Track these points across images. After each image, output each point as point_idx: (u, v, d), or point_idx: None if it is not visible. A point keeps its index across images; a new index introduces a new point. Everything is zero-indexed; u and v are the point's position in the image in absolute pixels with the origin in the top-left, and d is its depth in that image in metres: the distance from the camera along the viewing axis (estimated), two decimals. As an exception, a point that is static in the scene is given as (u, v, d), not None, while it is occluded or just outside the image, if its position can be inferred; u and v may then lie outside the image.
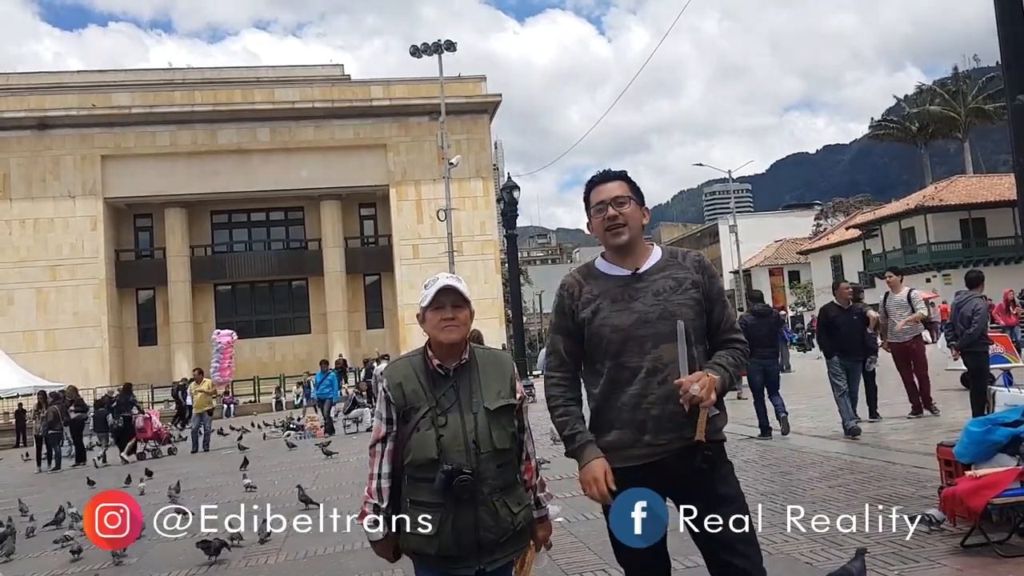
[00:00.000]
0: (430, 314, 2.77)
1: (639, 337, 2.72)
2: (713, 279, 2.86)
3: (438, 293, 2.76)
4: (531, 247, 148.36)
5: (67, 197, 41.72)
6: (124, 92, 43.31)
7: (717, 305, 2.83)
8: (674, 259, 2.86)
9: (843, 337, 10.16)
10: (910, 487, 6.67)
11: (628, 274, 2.81)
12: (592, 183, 2.91)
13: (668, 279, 2.78)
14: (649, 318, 2.72)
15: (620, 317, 2.75)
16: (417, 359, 2.81)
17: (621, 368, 2.74)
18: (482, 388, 2.73)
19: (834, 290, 10.79)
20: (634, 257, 2.83)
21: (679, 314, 2.72)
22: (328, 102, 43.30)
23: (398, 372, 2.78)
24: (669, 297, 2.75)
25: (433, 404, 2.68)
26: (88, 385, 37.46)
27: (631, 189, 2.87)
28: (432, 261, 40.12)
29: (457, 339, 2.74)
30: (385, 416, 2.76)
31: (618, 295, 2.78)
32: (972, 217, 45.38)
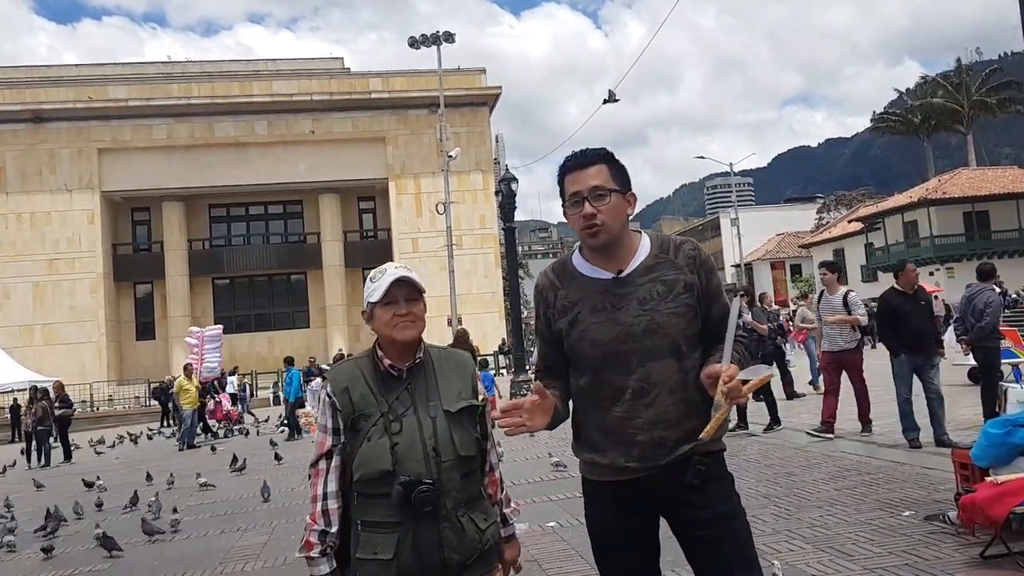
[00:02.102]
0: (380, 310, 2.44)
1: (622, 353, 2.37)
2: (710, 275, 2.49)
3: (390, 286, 2.43)
4: (532, 241, 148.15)
5: (64, 191, 41.47)
6: (120, 85, 43.00)
7: (716, 304, 2.47)
8: (664, 254, 2.46)
9: (912, 330, 8.40)
10: (921, 490, 6.35)
11: (609, 278, 2.43)
12: (566, 168, 2.47)
13: (656, 283, 2.40)
14: (634, 332, 2.36)
15: (601, 330, 2.40)
16: (365, 361, 2.48)
17: (603, 385, 2.40)
18: (440, 389, 2.42)
19: (896, 273, 8.85)
20: (617, 256, 2.44)
21: (667, 326, 2.37)
22: (326, 95, 43.00)
23: (343, 375, 2.45)
24: (657, 306, 2.37)
25: (385, 409, 2.35)
26: (85, 380, 37.39)
27: (613, 175, 2.43)
28: (432, 255, 39.85)
29: (414, 336, 2.42)
30: (330, 426, 2.42)
31: (599, 303, 2.41)
32: (976, 210, 44.97)
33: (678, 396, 2.35)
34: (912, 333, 8.37)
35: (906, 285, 8.59)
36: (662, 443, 2.32)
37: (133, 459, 16.90)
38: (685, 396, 2.35)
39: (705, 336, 2.45)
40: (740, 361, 2.34)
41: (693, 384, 2.36)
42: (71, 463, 17.73)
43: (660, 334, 2.35)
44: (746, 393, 2.23)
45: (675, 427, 2.34)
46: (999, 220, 45.02)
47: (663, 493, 2.37)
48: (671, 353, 2.37)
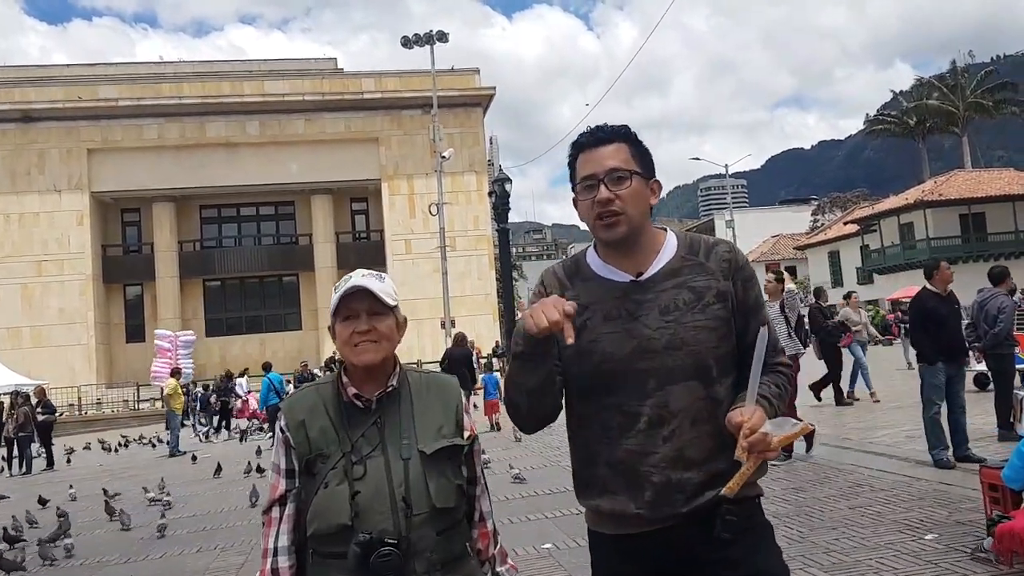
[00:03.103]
0: (339, 327, 2.05)
1: (639, 372, 1.96)
2: (748, 284, 2.07)
3: (345, 298, 2.03)
4: (526, 242, 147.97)
5: (53, 191, 40.87)
6: (110, 85, 42.46)
7: (754, 320, 2.04)
8: (693, 255, 2.05)
9: (949, 336, 7.73)
10: (942, 509, 5.97)
11: (627, 281, 2.03)
12: (578, 146, 2.08)
13: (683, 290, 1.99)
14: (653, 346, 1.96)
15: (613, 341, 1.99)
16: (327, 388, 2.08)
17: (611, 411, 1.99)
18: (416, 424, 2.02)
19: (930, 274, 8.11)
20: (637, 255, 2.04)
21: (693, 342, 1.96)
22: (319, 95, 42.51)
23: (301, 405, 2.05)
24: (683, 317, 1.97)
25: (347, 449, 1.96)
26: (74, 383, 36.85)
27: (634, 156, 2.04)
28: (425, 256, 39.49)
29: (373, 360, 2.02)
30: (283, 467, 2.03)
31: (613, 309, 2.01)
32: (972, 212, 44.72)
33: (704, 429, 1.94)
34: (949, 339, 7.71)
35: (940, 285, 7.94)
36: (681, 486, 1.92)
37: (117, 466, 16.48)
38: (713, 429, 1.94)
39: (740, 360, 2.04)
40: (771, 403, 1.95)
41: (724, 416, 1.94)
42: (53, 470, 17.30)
43: (684, 351, 1.95)
44: (777, 447, 1.83)
45: (698, 467, 1.93)
46: (995, 222, 44.77)
47: (685, 550, 1.95)
48: (697, 375, 1.96)
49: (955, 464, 7.35)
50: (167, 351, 24.03)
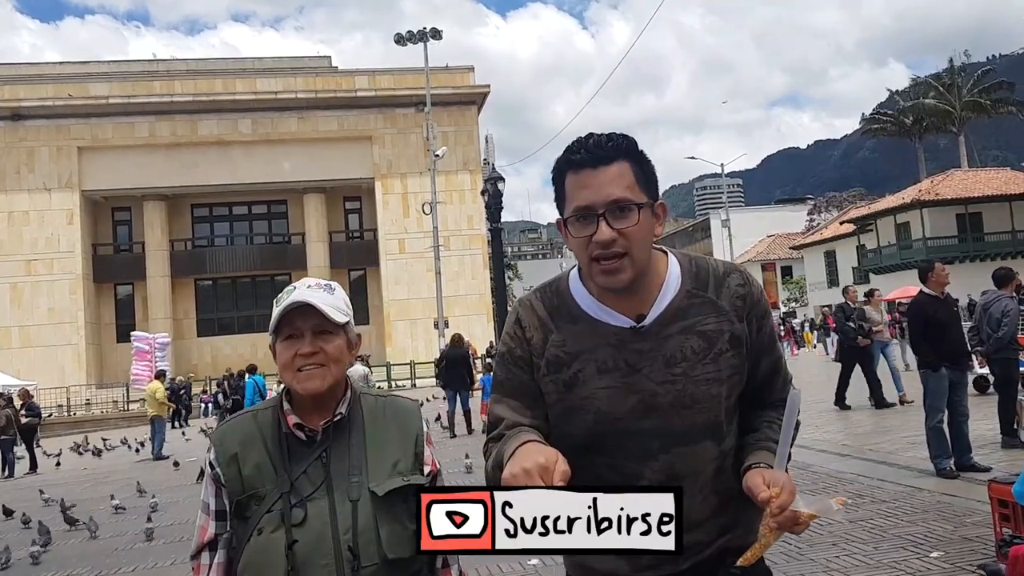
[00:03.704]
0: (280, 347, 1.76)
1: (641, 433, 1.68)
2: (764, 321, 1.77)
3: (286, 315, 1.74)
4: (521, 242, 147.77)
5: (43, 190, 40.56)
6: (101, 82, 42.11)
7: (766, 357, 1.79)
8: (701, 291, 1.73)
9: (950, 340, 7.43)
10: (946, 523, 5.70)
11: (626, 328, 1.70)
12: (570, 163, 1.68)
13: (691, 336, 1.69)
14: (658, 404, 1.67)
15: (611, 399, 1.69)
16: (266, 415, 1.79)
17: (607, 471, 1.71)
18: (368, 459, 1.74)
19: (924, 275, 7.74)
20: (636, 294, 1.70)
21: (705, 398, 1.68)
22: (312, 93, 42.24)
23: (234, 436, 1.76)
24: (692, 369, 1.68)
25: (286, 489, 1.68)
26: (64, 383, 36.56)
27: (639, 177, 1.67)
28: (418, 256, 39.28)
29: (320, 389, 1.73)
30: (213, 507, 1.75)
31: (609, 360, 1.70)
32: (969, 212, 44.53)
33: (709, 487, 1.70)
34: (950, 344, 7.40)
35: (937, 287, 7.64)
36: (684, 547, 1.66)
37: (100, 470, 16.18)
38: (719, 485, 1.70)
39: (745, 399, 1.77)
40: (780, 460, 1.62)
41: (732, 468, 1.70)
42: (36, 474, 16.99)
43: (694, 409, 1.68)
44: (806, 523, 1.53)
45: (702, 527, 1.70)
46: (992, 222, 44.58)
47: None
48: (708, 434, 1.69)
49: (958, 474, 7.09)
50: (146, 353, 23.74)
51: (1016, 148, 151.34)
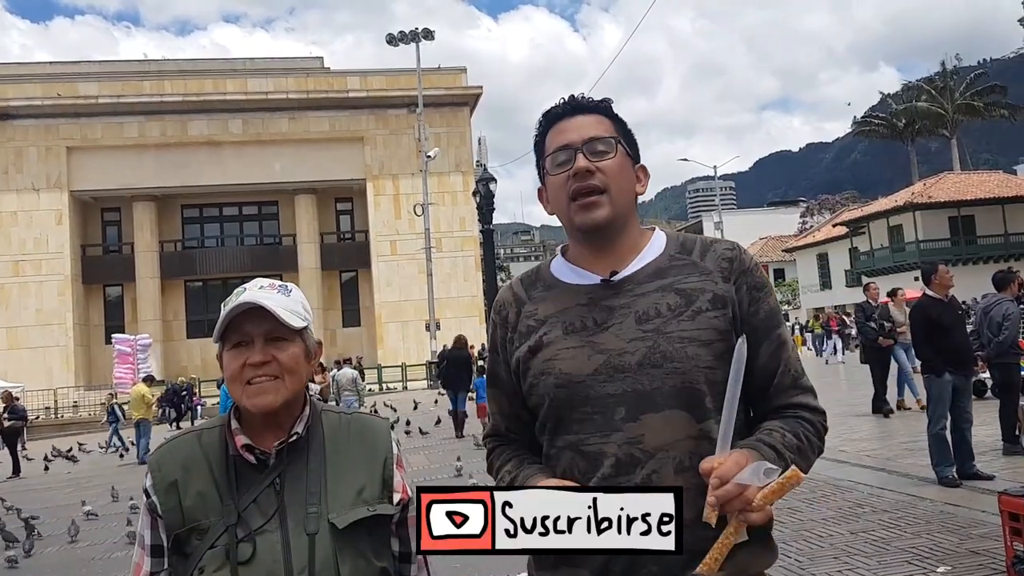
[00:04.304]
0: (227, 356, 1.55)
1: (604, 398, 1.49)
2: (758, 293, 1.58)
3: (234, 317, 1.53)
4: (514, 244, 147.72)
5: (31, 190, 40.18)
6: (91, 82, 41.76)
7: (766, 340, 1.56)
8: (685, 255, 1.61)
9: (954, 345, 7.18)
10: (951, 535, 5.50)
11: (596, 282, 1.58)
12: (550, 116, 1.67)
13: (668, 292, 1.54)
14: (625, 363, 1.49)
15: (573, 358, 1.53)
16: (212, 436, 1.58)
17: (568, 451, 1.53)
18: (328, 486, 1.53)
19: (928, 278, 7.53)
20: (613, 253, 1.60)
21: (679, 357, 1.48)
22: (303, 93, 41.93)
23: (173, 460, 1.55)
24: (666, 325, 1.50)
25: (232, 521, 1.47)
26: (52, 385, 36.23)
27: (618, 129, 1.63)
28: (410, 257, 39.04)
29: (273, 405, 1.52)
30: (148, 542, 1.54)
31: (577, 319, 1.56)
32: (961, 215, 44.53)
33: (694, 480, 1.43)
34: (954, 348, 7.16)
35: (941, 290, 7.42)
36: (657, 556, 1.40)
37: (82, 474, 15.90)
38: (698, 477, 1.43)
39: (752, 393, 1.55)
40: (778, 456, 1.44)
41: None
42: (19, 478, 16.70)
43: (665, 368, 1.47)
44: (761, 505, 1.33)
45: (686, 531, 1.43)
46: (984, 225, 44.61)
47: None
48: (683, 402, 1.48)
49: (961, 482, 6.90)
50: (128, 356, 23.48)
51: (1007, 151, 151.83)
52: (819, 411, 1.59)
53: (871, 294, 12.62)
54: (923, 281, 7.58)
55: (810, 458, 1.54)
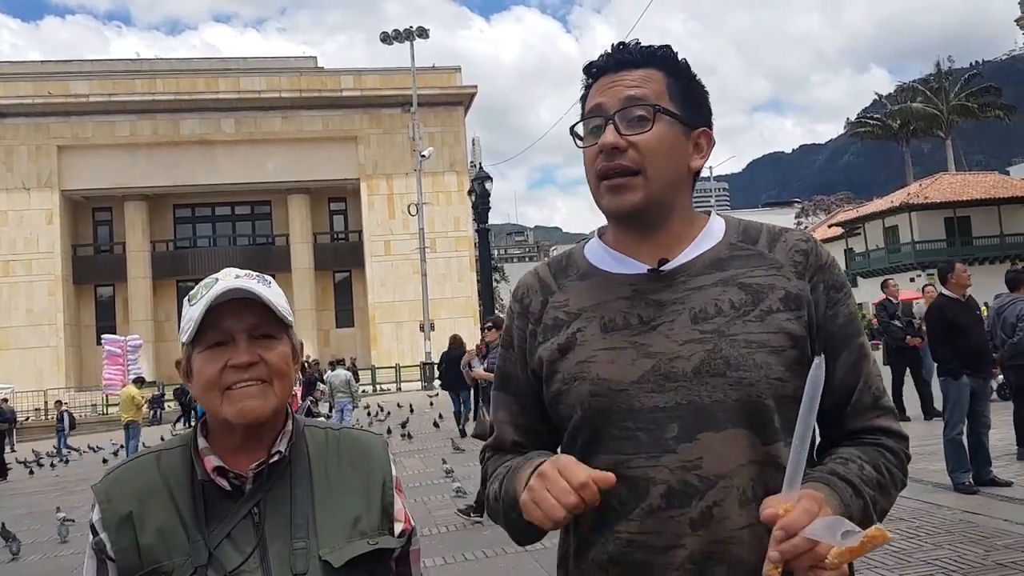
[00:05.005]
0: (200, 359, 1.27)
1: (653, 412, 1.23)
2: (837, 294, 1.34)
3: (214, 306, 1.26)
4: (508, 244, 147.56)
5: (21, 189, 39.83)
6: (82, 81, 41.40)
7: (845, 350, 1.31)
8: (748, 243, 1.35)
9: (972, 346, 6.97)
10: (975, 547, 5.26)
11: (643, 272, 1.32)
12: (594, 70, 1.38)
13: (730, 286, 1.28)
14: (679, 371, 1.23)
15: (613, 362, 1.27)
16: (173, 458, 1.30)
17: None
18: (317, 516, 1.26)
19: (944, 277, 7.31)
20: (661, 239, 1.33)
21: (746, 366, 1.22)
22: (296, 92, 41.64)
23: (126, 489, 1.27)
24: (729, 326, 1.25)
25: (202, 560, 1.20)
26: (42, 386, 35.83)
27: (672, 90, 1.33)
28: (405, 258, 38.82)
29: (263, 414, 1.25)
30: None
31: (618, 315, 1.30)
32: (957, 216, 44.47)
33: (748, 502, 1.20)
34: (972, 349, 6.93)
35: (958, 290, 7.16)
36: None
37: (70, 478, 15.59)
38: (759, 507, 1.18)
39: (823, 413, 1.26)
40: (855, 492, 1.19)
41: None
42: (6, 481, 16.39)
43: (729, 379, 1.21)
44: (837, 565, 1.04)
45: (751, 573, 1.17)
46: (980, 226, 44.57)
47: None
48: (748, 420, 1.22)
49: (978, 489, 6.67)
50: (118, 357, 23.20)
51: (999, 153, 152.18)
52: (903, 437, 1.33)
53: (891, 291, 11.92)
54: (939, 280, 7.34)
55: (891, 494, 1.28)
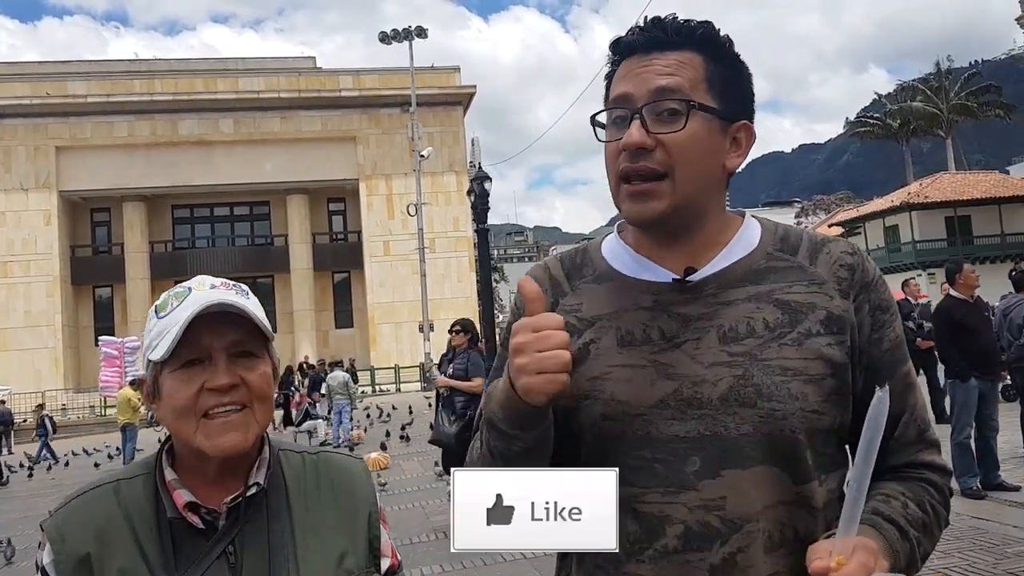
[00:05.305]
0: (171, 380, 1.13)
1: (672, 441, 1.11)
2: (883, 315, 1.20)
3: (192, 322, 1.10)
4: (508, 244, 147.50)
5: (19, 190, 39.70)
6: (80, 81, 41.29)
7: (890, 379, 1.14)
8: (788, 253, 1.21)
9: (980, 348, 6.88)
10: (985, 554, 5.15)
11: (668, 281, 1.19)
12: (623, 47, 1.22)
13: (765, 303, 1.15)
14: (703, 396, 1.11)
15: (630, 381, 1.14)
16: (135, 490, 1.16)
17: (623, 511, 1.08)
18: (298, 555, 1.14)
19: (952, 277, 7.21)
20: (688, 245, 1.20)
21: (780, 396, 1.10)
22: (294, 92, 41.52)
23: (82, 527, 1.13)
24: (762, 349, 1.13)
25: None
26: (40, 388, 35.69)
27: (712, 77, 1.18)
28: (404, 258, 38.72)
29: (244, 445, 1.13)
30: None
31: (637, 327, 1.17)
32: (958, 215, 44.38)
33: (789, 560, 1.08)
34: (980, 351, 6.82)
35: (966, 291, 7.06)
36: None
37: (67, 481, 15.47)
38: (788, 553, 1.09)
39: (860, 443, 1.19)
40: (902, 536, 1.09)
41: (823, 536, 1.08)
42: (3, 485, 16.26)
43: (760, 410, 1.09)
44: None
45: None
46: (981, 225, 44.47)
47: None
48: (778, 456, 1.10)
49: (986, 494, 6.56)
50: (115, 359, 23.11)
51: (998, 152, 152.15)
52: (946, 472, 1.23)
53: (911, 291, 11.58)
54: (947, 280, 7.22)
55: (935, 535, 1.17)
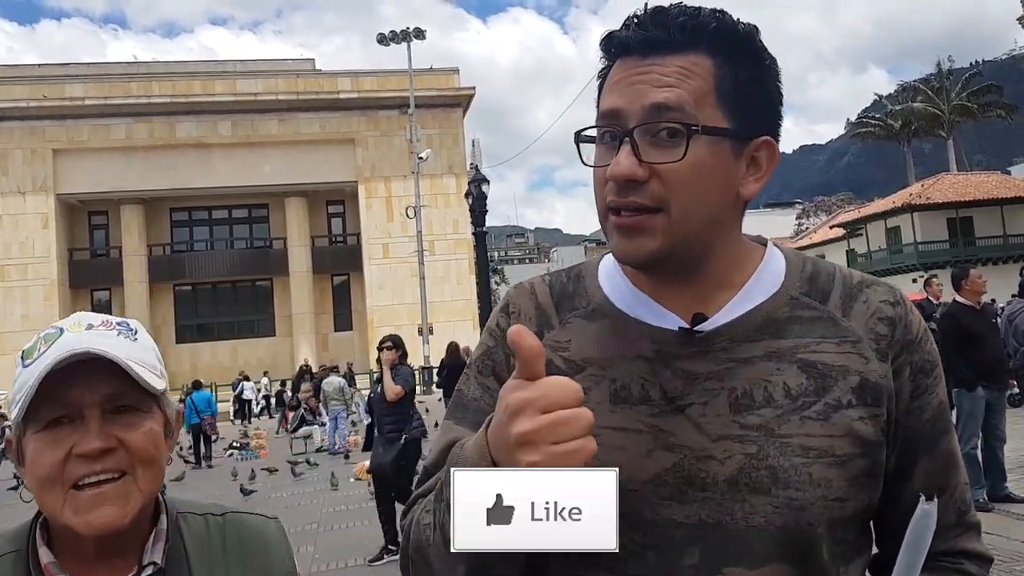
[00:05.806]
0: (35, 443, 0.93)
1: (668, 527, 0.90)
2: (926, 376, 0.98)
3: (47, 377, 0.91)
4: (508, 246, 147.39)
5: (16, 193, 39.59)
6: (77, 83, 41.16)
7: (929, 454, 0.98)
8: (817, 299, 0.99)
9: (987, 356, 6.63)
10: (992, 569, 4.96)
11: (673, 330, 0.97)
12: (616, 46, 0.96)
13: (787, 364, 0.94)
14: (708, 475, 0.91)
15: (623, 449, 0.92)
16: (4, 569, 0.96)
17: None
18: None
19: (958, 283, 6.95)
20: (698, 285, 0.98)
21: (798, 482, 0.89)
22: (293, 94, 41.41)
23: None
24: (780, 423, 0.91)
25: None
26: (37, 392, 35.52)
27: (721, 89, 0.93)
28: (403, 260, 38.56)
29: (121, 522, 0.93)
30: None
31: (634, 381, 0.95)
32: (960, 216, 44.17)
33: None
34: (987, 360, 6.60)
35: (973, 297, 6.81)
36: None
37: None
38: None
39: (892, 527, 0.98)
40: None
41: None
42: None
43: (775, 499, 0.90)
44: None
45: None
46: (983, 226, 44.24)
47: None
48: (792, 552, 0.90)
49: (992, 506, 6.35)
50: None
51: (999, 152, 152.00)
52: (987, 560, 1.06)
53: (933, 291, 10.86)
54: (953, 286, 7.01)
55: None
